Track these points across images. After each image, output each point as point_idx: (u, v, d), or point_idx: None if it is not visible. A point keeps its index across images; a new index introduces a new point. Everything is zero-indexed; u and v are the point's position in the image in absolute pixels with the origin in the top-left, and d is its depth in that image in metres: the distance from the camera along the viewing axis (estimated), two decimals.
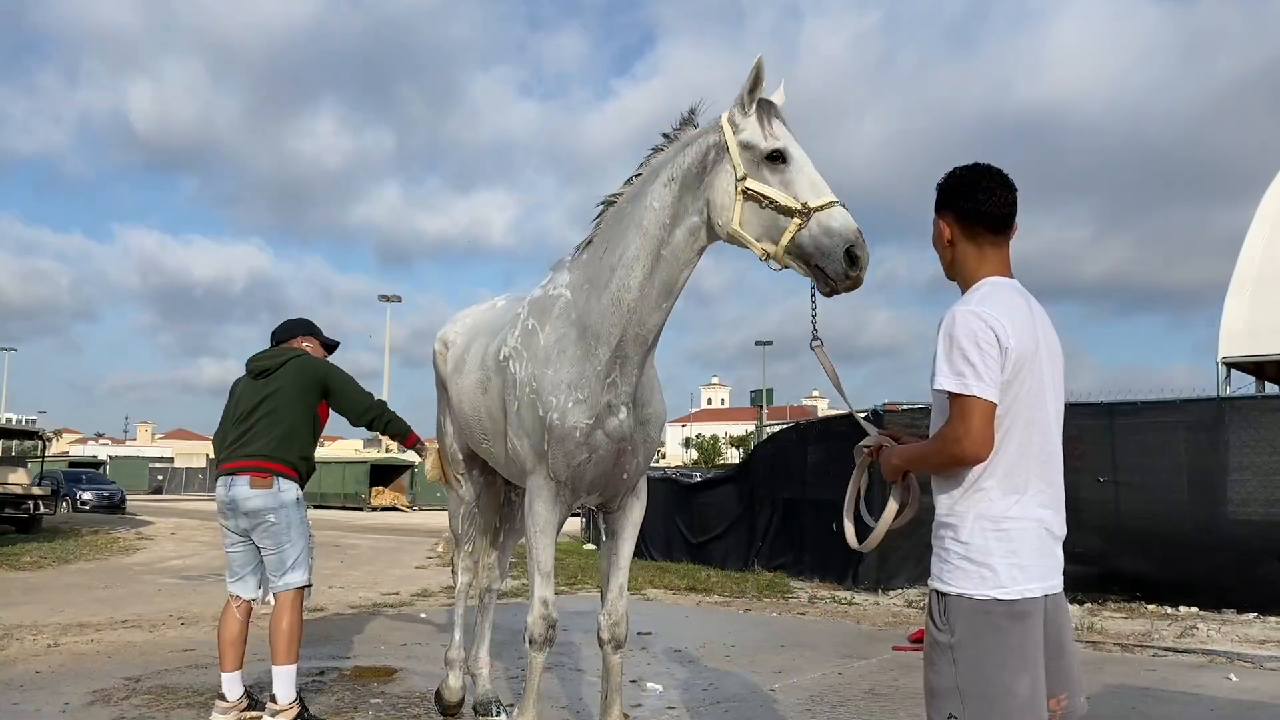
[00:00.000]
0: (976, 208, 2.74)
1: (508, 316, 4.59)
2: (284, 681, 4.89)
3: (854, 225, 3.37)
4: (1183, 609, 9.87)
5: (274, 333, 5.50)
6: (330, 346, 5.62)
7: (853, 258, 3.32)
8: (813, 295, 3.51)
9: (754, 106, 3.63)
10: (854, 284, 3.36)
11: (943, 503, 2.66)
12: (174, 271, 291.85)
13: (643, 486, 4.44)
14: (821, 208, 3.40)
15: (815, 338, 3.52)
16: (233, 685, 5.01)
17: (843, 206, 3.41)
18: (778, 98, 3.72)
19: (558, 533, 4.36)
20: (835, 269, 3.35)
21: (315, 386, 5.08)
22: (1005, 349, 2.54)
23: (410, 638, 7.86)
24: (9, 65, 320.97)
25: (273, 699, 4.89)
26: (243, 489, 4.88)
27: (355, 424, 5.36)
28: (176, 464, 77.98)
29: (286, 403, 5.00)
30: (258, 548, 5.00)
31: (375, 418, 5.22)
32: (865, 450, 3.10)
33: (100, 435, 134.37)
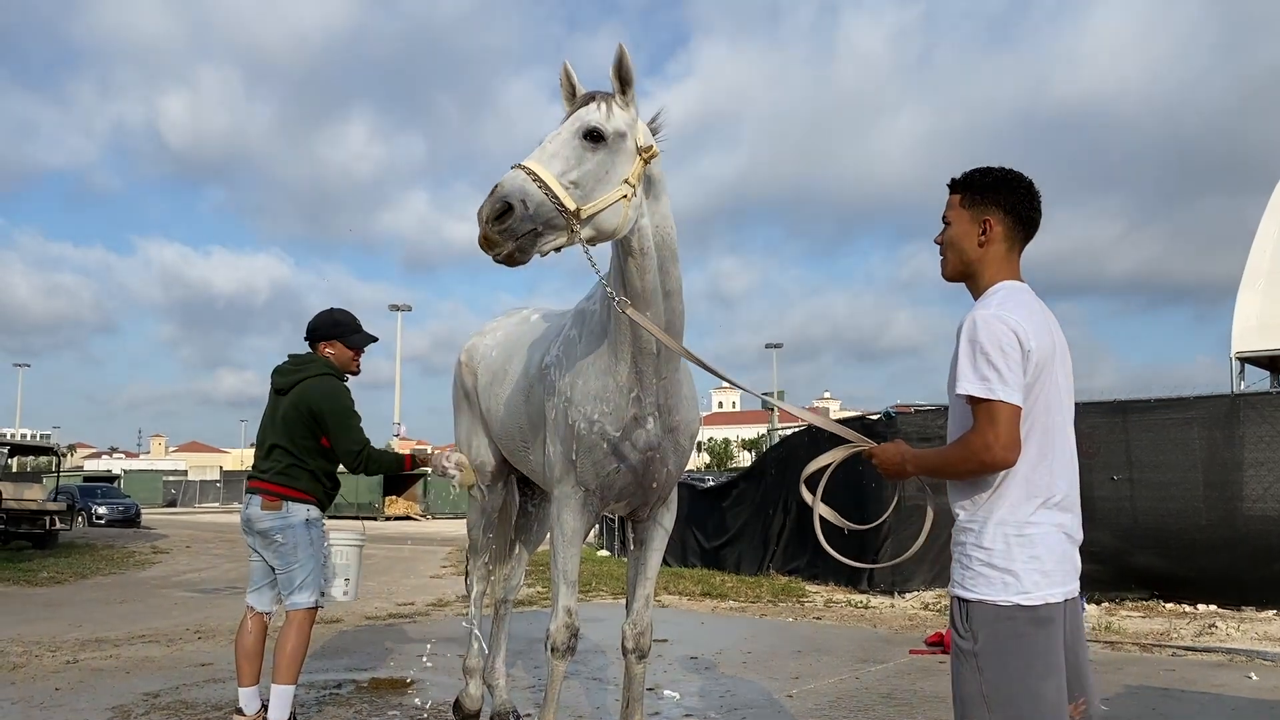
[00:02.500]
0: (1032, 215, 2.75)
1: (551, 328, 4.60)
2: (280, 701, 4.90)
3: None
4: (1201, 607, 9.81)
5: (306, 331, 5.37)
6: (359, 344, 5.38)
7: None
8: (588, 257, 3.45)
9: None
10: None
11: (963, 508, 2.66)
12: (194, 283, 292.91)
13: (673, 496, 4.43)
14: None
15: (614, 298, 3.51)
16: (250, 700, 5.02)
17: (514, 167, 3.27)
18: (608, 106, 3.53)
19: (583, 542, 4.35)
20: None
21: (312, 419, 5.00)
22: (1027, 352, 2.54)
23: (426, 648, 7.87)
24: (39, 78, 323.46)
25: None
26: (256, 509, 4.95)
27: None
28: (190, 476, 78.28)
29: (291, 430, 5.00)
30: (271, 566, 5.04)
31: (362, 467, 5.07)
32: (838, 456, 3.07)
33: (114, 449, 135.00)
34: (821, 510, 3.17)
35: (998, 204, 2.75)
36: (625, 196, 3.42)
